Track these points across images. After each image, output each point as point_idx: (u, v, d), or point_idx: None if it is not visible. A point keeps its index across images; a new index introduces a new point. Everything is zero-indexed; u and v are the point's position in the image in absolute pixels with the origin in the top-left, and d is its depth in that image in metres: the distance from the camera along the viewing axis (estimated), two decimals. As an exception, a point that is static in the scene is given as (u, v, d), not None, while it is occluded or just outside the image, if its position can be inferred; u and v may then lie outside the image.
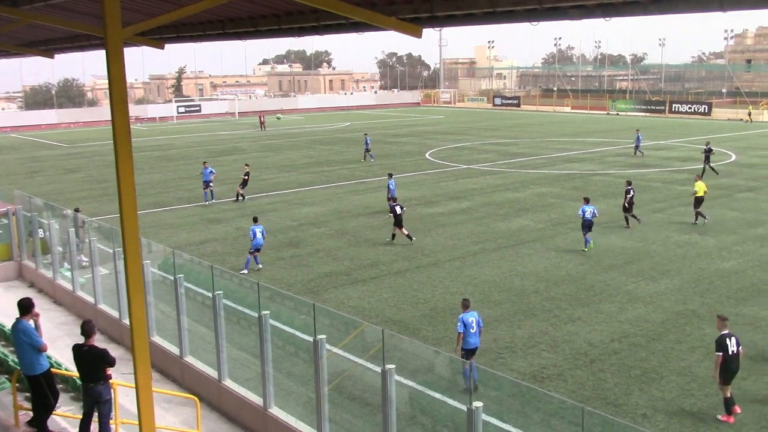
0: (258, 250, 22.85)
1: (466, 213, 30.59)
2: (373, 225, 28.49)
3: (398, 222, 25.41)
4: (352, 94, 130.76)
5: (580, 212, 24.46)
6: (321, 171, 43.53)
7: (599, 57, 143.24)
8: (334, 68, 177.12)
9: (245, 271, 22.22)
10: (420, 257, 23.90)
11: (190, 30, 13.44)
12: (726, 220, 28.68)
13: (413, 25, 8.29)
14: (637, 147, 48.02)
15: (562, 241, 25.58)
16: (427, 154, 50.34)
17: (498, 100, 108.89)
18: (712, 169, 38.86)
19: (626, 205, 27.28)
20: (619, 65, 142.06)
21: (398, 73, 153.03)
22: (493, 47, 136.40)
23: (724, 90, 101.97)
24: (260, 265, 22.85)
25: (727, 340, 13.13)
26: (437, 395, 13.06)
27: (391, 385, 10.60)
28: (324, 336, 11.95)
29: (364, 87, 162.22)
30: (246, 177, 34.44)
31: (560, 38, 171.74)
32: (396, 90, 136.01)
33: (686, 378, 14.76)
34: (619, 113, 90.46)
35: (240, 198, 34.26)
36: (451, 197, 34.13)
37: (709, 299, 19.44)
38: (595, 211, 24.61)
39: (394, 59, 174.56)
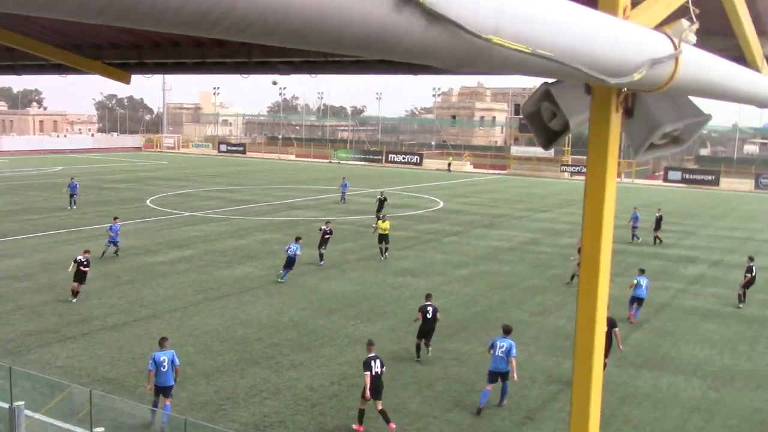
0: None
1: (189, 261, 29.84)
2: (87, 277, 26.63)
3: (80, 278, 23.63)
4: (65, 136, 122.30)
5: (286, 248, 26.82)
6: (27, 219, 39.89)
7: (322, 108, 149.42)
8: (45, 108, 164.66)
9: None
10: (138, 309, 22.76)
11: None
12: (435, 262, 31.07)
13: (120, 70, 7.97)
14: (343, 194, 50.71)
15: (285, 287, 25.92)
16: (148, 201, 48.48)
17: (223, 147, 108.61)
18: (378, 217, 39.44)
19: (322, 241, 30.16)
20: (341, 116, 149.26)
21: (118, 115, 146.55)
22: (218, 94, 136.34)
23: (433, 142, 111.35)
24: None
25: (372, 362, 14.79)
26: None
27: (100, 450, 9.88)
28: (23, 402, 10.85)
29: (80, 129, 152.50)
30: None
31: (285, 88, 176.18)
32: (116, 134, 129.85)
33: (400, 414, 15.54)
34: (341, 162, 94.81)
35: None
36: (172, 245, 33.10)
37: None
38: (297, 251, 26.48)
39: (114, 101, 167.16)
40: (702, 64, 4.63)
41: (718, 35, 6.22)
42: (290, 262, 26.33)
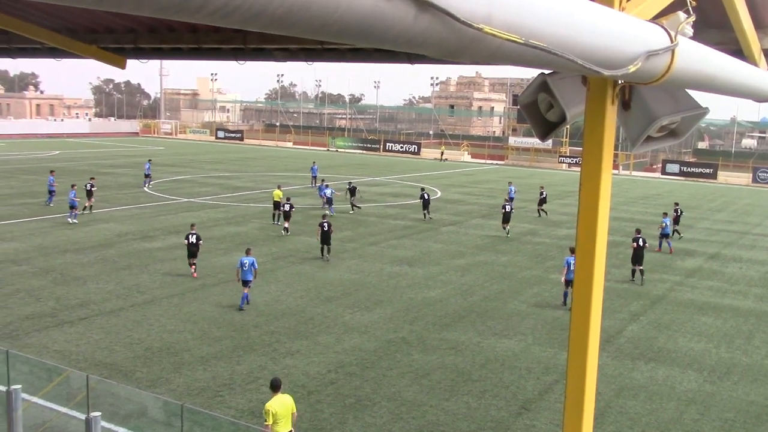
0: None
1: (186, 248, 29.76)
2: (83, 262, 26.66)
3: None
4: (62, 120, 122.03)
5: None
6: (24, 203, 39.87)
7: (320, 95, 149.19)
8: (42, 92, 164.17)
9: None
10: (135, 295, 22.79)
11: None
12: (432, 252, 31.09)
13: (116, 55, 7.95)
14: (314, 177, 52.22)
15: (283, 275, 25.95)
16: (145, 187, 48.43)
17: (221, 133, 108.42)
18: (353, 205, 41.11)
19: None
20: (339, 104, 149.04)
21: (115, 100, 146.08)
22: (216, 80, 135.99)
23: (431, 132, 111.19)
24: None
25: (190, 235, 23.66)
26: (149, 440, 12.48)
27: (95, 434, 9.93)
28: (20, 386, 10.88)
29: (77, 114, 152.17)
30: None
31: (282, 75, 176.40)
32: (113, 118, 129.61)
33: (396, 402, 15.61)
34: (339, 150, 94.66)
35: None
36: (170, 231, 33.09)
37: (417, 327, 20.83)
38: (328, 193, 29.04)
39: (111, 86, 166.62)
40: (698, 56, 4.62)
41: (715, 28, 6.21)
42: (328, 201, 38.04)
